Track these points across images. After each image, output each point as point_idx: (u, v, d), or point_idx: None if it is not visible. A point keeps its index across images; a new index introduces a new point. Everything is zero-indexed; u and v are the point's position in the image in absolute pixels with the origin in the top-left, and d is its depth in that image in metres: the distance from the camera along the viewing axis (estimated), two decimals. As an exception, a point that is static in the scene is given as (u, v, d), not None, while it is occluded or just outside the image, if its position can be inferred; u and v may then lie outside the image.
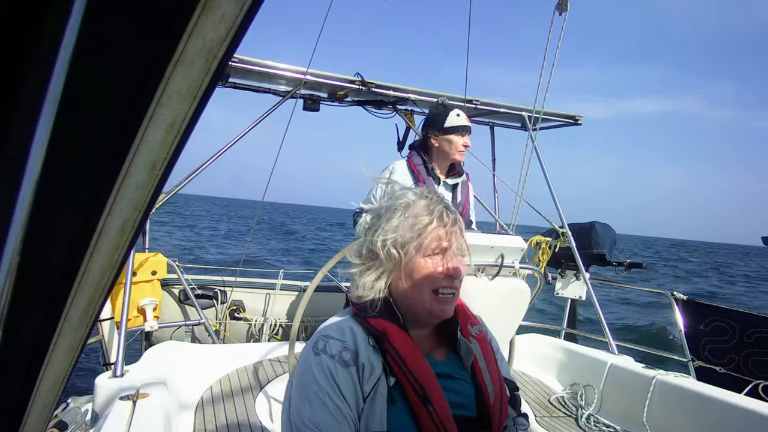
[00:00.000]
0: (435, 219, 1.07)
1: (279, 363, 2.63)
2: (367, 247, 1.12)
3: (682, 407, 2.35)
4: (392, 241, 1.07)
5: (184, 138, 0.36)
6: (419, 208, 1.08)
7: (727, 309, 3.80)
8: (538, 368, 3.16)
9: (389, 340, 1.03)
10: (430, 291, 1.06)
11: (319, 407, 0.96)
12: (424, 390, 0.99)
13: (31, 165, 0.27)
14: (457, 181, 2.77)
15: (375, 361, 1.02)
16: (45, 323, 0.39)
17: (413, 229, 1.06)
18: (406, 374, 1.00)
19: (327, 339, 1.04)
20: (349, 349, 1.01)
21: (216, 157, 3.55)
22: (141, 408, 1.71)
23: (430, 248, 1.06)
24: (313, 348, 1.04)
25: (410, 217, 1.08)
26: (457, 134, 2.66)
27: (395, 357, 1.01)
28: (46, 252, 0.34)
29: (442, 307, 1.07)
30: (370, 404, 0.99)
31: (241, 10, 0.30)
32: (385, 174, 2.73)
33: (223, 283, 4.46)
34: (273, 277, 4.71)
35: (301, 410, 0.98)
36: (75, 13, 0.25)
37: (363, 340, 1.04)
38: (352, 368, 0.99)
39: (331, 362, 0.99)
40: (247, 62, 3.39)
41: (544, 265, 3.88)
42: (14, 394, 0.42)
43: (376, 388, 0.99)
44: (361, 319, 1.07)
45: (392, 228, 1.08)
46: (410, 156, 2.77)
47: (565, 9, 3.19)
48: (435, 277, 1.06)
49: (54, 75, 0.26)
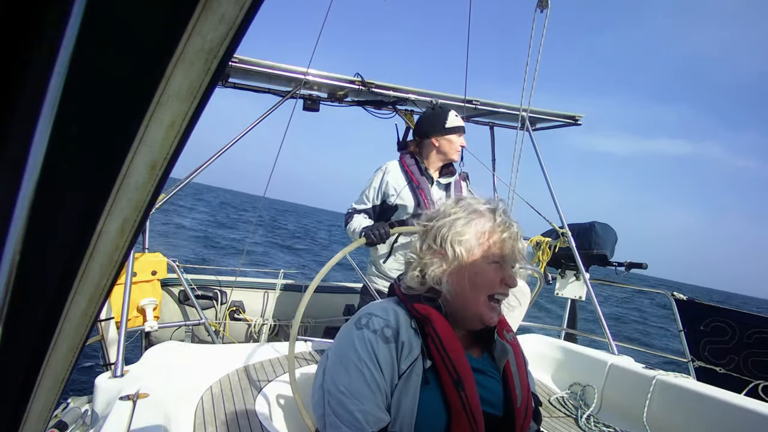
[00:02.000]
0: (503, 228, 1.12)
1: (279, 363, 2.63)
2: (428, 243, 1.16)
3: (682, 407, 2.35)
4: (460, 241, 1.12)
5: (184, 138, 0.36)
6: (485, 216, 1.14)
7: (727, 309, 3.80)
8: (538, 368, 3.16)
9: (432, 324, 1.07)
10: (486, 296, 1.10)
11: (356, 376, 0.99)
12: (459, 376, 1.03)
13: (31, 165, 0.27)
14: (449, 180, 2.79)
15: (414, 342, 1.06)
16: (45, 323, 0.39)
17: (482, 234, 1.12)
18: (444, 358, 1.03)
19: (370, 316, 1.08)
20: (391, 327, 1.06)
21: (216, 156, 3.55)
22: (141, 408, 1.71)
23: (494, 256, 1.11)
24: (356, 323, 1.08)
25: (478, 224, 1.13)
26: (457, 134, 2.72)
27: (435, 340, 1.05)
28: (46, 252, 0.34)
29: (492, 314, 1.12)
30: (405, 381, 1.02)
31: (241, 10, 0.30)
32: (378, 174, 2.75)
33: (223, 283, 4.46)
34: (273, 277, 4.71)
35: (336, 378, 1.01)
36: (75, 13, 0.25)
37: (405, 321, 1.08)
38: (392, 344, 1.03)
39: (372, 336, 1.03)
40: (247, 62, 3.39)
41: (544, 265, 3.88)
42: (14, 394, 0.42)
43: (413, 367, 1.03)
44: (407, 304, 1.12)
45: (461, 230, 1.12)
46: (402, 157, 2.78)
47: (546, 6, 3.22)
48: (494, 283, 1.11)
49: (54, 75, 0.26)
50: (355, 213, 2.73)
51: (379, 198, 2.72)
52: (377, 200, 2.72)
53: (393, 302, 1.15)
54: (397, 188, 2.67)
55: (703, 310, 3.82)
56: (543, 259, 3.89)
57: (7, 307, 0.32)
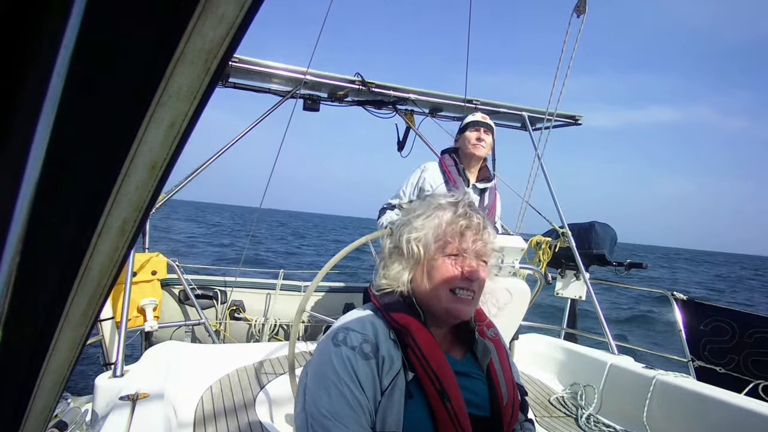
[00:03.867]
0: (459, 220, 1.09)
1: (279, 363, 2.62)
2: (394, 243, 1.15)
3: (682, 407, 2.35)
4: (416, 238, 1.10)
5: (184, 138, 0.36)
6: (446, 210, 1.11)
7: (727, 309, 3.80)
8: (538, 368, 3.16)
9: (411, 334, 1.03)
10: (447, 290, 1.07)
11: (337, 397, 0.96)
12: (442, 385, 1.00)
13: (31, 165, 0.27)
14: (486, 186, 2.87)
15: (395, 355, 1.02)
16: (45, 323, 0.39)
17: (437, 228, 1.09)
18: (426, 369, 1.01)
19: (347, 331, 1.04)
20: (370, 342, 1.02)
21: (216, 156, 3.55)
22: (141, 408, 1.71)
23: (451, 248, 1.08)
24: (333, 339, 1.03)
25: (436, 217, 1.10)
26: (470, 129, 2.80)
27: (416, 352, 1.02)
28: (47, 252, 0.34)
29: (459, 306, 1.07)
30: (388, 398, 0.99)
31: (241, 10, 0.30)
32: (416, 173, 2.85)
33: (223, 283, 4.46)
34: (273, 277, 4.71)
35: (317, 400, 0.97)
36: (75, 13, 0.25)
37: (384, 333, 1.04)
38: (371, 361, 1.00)
39: (351, 353, 0.99)
40: (247, 62, 3.39)
41: (544, 265, 3.88)
42: (14, 394, 0.42)
43: (395, 382, 1.00)
44: (384, 313, 1.08)
45: (419, 226, 1.10)
46: (442, 157, 2.89)
47: (583, 11, 3.17)
48: (452, 277, 1.07)
49: (54, 75, 0.26)
50: (388, 209, 2.84)
51: (415, 194, 2.81)
52: (413, 195, 2.81)
53: (369, 311, 1.11)
54: (433, 185, 2.76)
55: (703, 310, 3.82)
56: (543, 259, 3.89)
57: (7, 307, 0.32)
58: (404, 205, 2.75)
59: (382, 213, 2.86)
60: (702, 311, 3.81)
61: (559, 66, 3.31)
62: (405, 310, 1.08)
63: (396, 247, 1.14)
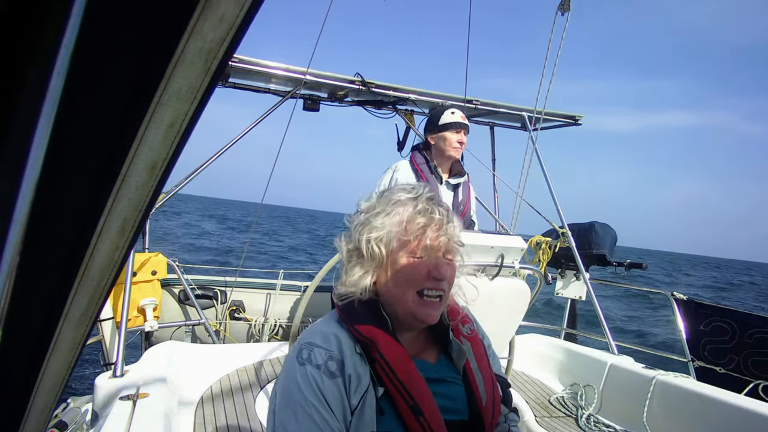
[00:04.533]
0: (422, 217, 1.01)
1: (279, 363, 2.63)
2: (354, 244, 1.07)
3: (682, 407, 2.35)
4: (377, 238, 1.02)
5: (184, 138, 0.36)
6: (406, 205, 1.03)
7: (727, 309, 3.80)
8: (538, 368, 3.16)
9: (378, 348, 0.97)
10: (414, 292, 1.00)
11: (304, 420, 0.91)
12: (414, 401, 0.95)
13: (31, 165, 0.27)
14: (459, 181, 2.80)
15: (362, 371, 0.97)
16: (45, 323, 0.39)
17: (399, 226, 1.01)
18: (396, 384, 0.96)
19: (311, 347, 0.98)
20: (335, 359, 0.96)
21: (216, 156, 3.55)
22: (141, 408, 1.71)
23: (415, 247, 1.00)
24: (297, 357, 0.98)
25: (396, 214, 1.02)
26: (451, 131, 2.69)
27: (384, 367, 0.96)
28: (46, 252, 0.34)
29: (426, 310, 1.00)
30: (359, 417, 0.94)
31: (241, 11, 0.30)
32: (388, 174, 2.77)
33: (223, 283, 4.46)
34: (273, 277, 4.71)
35: (285, 423, 0.92)
36: (75, 13, 0.25)
37: (349, 347, 0.98)
38: (338, 379, 0.94)
39: (316, 373, 0.94)
40: (247, 62, 3.39)
41: (544, 265, 3.88)
42: (14, 394, 0.42)
43: (364, 399, 0.95)
44: (348, 325, 1.01)
45: (379, 225, 1.03)
46: (413, 155, 2.81)
47: (567, 9, 3.20)
48: (418, 277, 1.00)
49: (54, 75, 0.26)
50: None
51: None
52: None
53: (335, 323, 1.04)
54: None
55: (703, 310, 3.82)
56: (543, 259, 3.89)
57: (7, 307, 0.32)
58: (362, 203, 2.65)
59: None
60: (702, 311, 3.82)
61: (545, 64, 3.33)
62: (370, 320, 1.01)
63: (356, 248, 1.06)
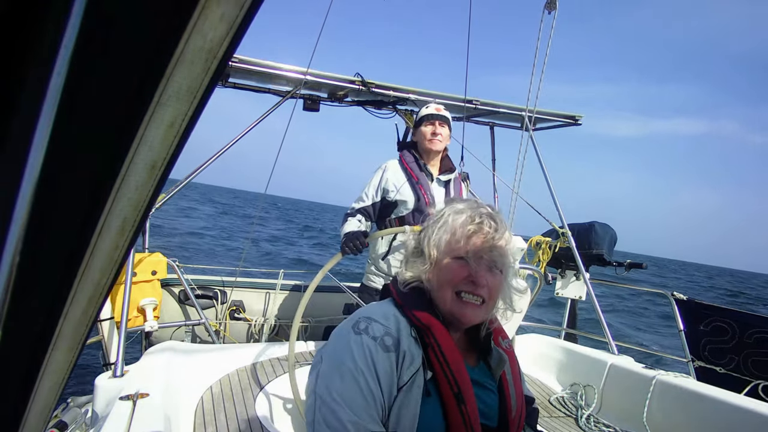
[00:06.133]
0: (472, 224, 1.09)
1: (279, 363, 2.63)
2: (416, 243, 1.18)
3: (682, 407, 2.36)
4: (432, 240, 1.11)
5: (184, 138, 0.36)
6: (462, 214, 1.12)
7: (727, 309, 3.80)
8: (538, 368, 3.16)
9: (433, 334, 1.03)
10: (452, 292, 1.07)
11: (350, 383, 0.94)
12: (459, 389, 0.99)
13: (31, 165, 0.27)
14: (449, 178, 2.82)
15: (416, 352, 1.01)
16: (45, 323, 0.39)
17: (451, 230, 1.10)
18: (445, 370, 1.00)
19: (370, 321, 1.02)
20: (392, 335, 1.00)
21: (216, 156, 3.55)
22: (141, 408, 1.71)
23: (459, 250, 1.08)
24: (354, 327, 1.02)
25: (454, 221, 1.11)
26: (425, 123, 2.74)
27: (437, 352, 1.01)
28: (46, 252, 0.34)
29: (463, 309, 1.06)
30: (406, 394, 0.97)
31: (241, 10, 0.30)
32: (378, 173, 2.78)
33: (223, 283, 4.46)
34: (273, 277, 4.72)
35: (330, 384, 0.95)
36: (75, 13, 0.25)
37: (406, 330, 1.03)
38: (392, 354, 0.98)
39: (372, 343, 0.98)
40: (247, 62, 3.39)
41: (544, 265, 3.88)
42: (14, 394, 0.42)
43: (414, 378, 0.98)
44: (406, 311, 1.07)
45: (437, 229, 1.12)
46: (402, 155, 2.83)
47: (554, 8, 3.23)
48: (456, 278, 1.06)
49: (54, 75, 0.26)
50: (350, 216, 2.73)
51: (379, 195, 2.75)
52: (377, 197, 2.75)
53: (392, 306, 1.10)
54: (396, 184, 2.70)
55: (703, 310, 3.82)
56: (543, 259, 3.89)
57: (7, 307, 0.32)
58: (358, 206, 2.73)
59: (344, 220, 2.72)
60: (702, 311, 3.82)
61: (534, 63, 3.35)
62: (427, 309, 1.07)
63: (416, 247, 1.17)
